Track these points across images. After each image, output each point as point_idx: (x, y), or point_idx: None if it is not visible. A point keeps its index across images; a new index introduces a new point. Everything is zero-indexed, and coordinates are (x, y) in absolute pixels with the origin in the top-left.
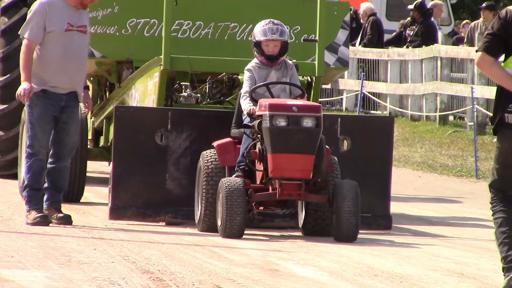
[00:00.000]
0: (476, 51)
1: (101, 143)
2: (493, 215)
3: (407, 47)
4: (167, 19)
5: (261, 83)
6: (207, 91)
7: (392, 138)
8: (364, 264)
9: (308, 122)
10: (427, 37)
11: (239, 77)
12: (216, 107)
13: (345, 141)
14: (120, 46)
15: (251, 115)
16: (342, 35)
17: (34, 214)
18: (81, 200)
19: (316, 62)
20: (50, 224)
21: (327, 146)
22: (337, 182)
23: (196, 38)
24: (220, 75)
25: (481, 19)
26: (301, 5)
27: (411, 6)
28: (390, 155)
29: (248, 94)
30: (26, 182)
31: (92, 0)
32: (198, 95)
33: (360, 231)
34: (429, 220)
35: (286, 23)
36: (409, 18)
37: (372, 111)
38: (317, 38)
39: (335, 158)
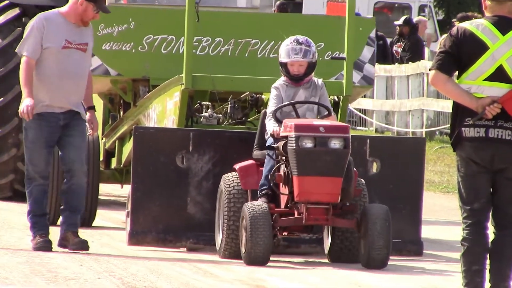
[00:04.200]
0: (430, 69)
1: (113, 164)
2: (462, 236)
3: (399, 62)
4: (188, 36)
5: (286, 103)
6: (228, 111)
7: (423, 160)
8: (351, 280)
9: (335, 143)
10: (415, 51)
11: (263, 96)
12: (238, 127)
13: (374, 163)
14: (136, 64)
15: (275, 136)
16: (367, 52)
17: (37, 239)
18: (94, 224)
19: (344, 81)
20: (63, 249)
21: (354, 169)
22: (366, 206)
23: (216, 55)
24: (243, 95)
25: None
26: (325, 21)
27: (398, 22)
28: (422, 178)
29: (272, 114)
30: (28, 208)
31: (93, 17)
32: (220, 115)
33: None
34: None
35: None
36: (396, 36)
37: (358, 127)
38: (345, 55)
39: (363, 180)
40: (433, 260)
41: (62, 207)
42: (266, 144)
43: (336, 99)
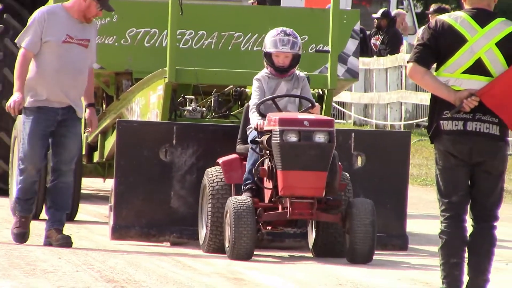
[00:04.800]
0: (408, 61)
1: (96, 158)
2: (440, 229)
3: (377, 55)
4: (172, 29)
5: (269, 97)
6: (212, 104)
7: (408, 154)
8: (331, 273)
9: (320, 137)
10: (394, 44)
11: (247, 90)
12: (222, 121)
13: (359, 157)
14: (119, 57)
15: (258, 130)
16: (351, 45)
17: (15, 219)
18: (75, 219)
19: (328, 74)
20: (52, 245)
21: (339, 163)
22: (350, 201)
23: (199, 48)
24: (227, 88)
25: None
26: (309, 14)
27: (376, 15)
28: (407, 172)
29: (256, 107)
30: (15, 196)
31: (96, 14)
32: (203, 108)
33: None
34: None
35: None
36: (374, 29)
37: (337, 121)
38: (329, 48)
39: (347, 174)
40: (418, 254)
41: (48, 204)
42: (249, 138)
43: (321, 92)
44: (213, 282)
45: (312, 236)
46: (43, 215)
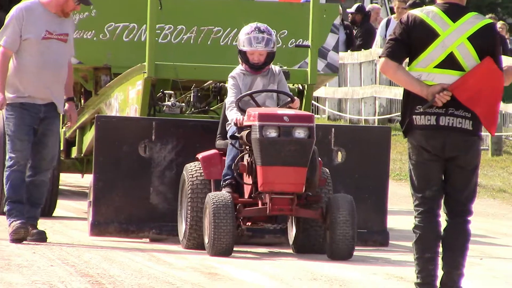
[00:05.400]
0: (380, 56)
1: (74, 154)
2: (413, 224)
3: (351, 50)
4: (151, 24)
5: (247, 92)
6: (191, 99)
7: (389, 149)
8: (305, 268)
9: (300, 133)
10: (368, 39)
11: (226, 85)
12: (201, 116)
13: (339, 153)
14: (98, 52)
15: (238, 125)
16: (331, 39)
17: (14, 224)
18: (53, 214)
19: (308, 69)
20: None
21: (319, 158)
22: (330, 197)
23: (178, 43)
24: (206, 83)
25: None
26: (289, 8)
27: (351, 10)
28: (387, 168)
29: (234, 104)
30: (6, 195)
31: (74, 8)
32: (183, 104)
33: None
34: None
35: (272, 27)
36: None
37: None
38: (309, 43)
39: (327, 170)
40: (399, 250)
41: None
42: (228, 134)
43: (301, 87)
44: (187, 276)
45: (292, 232)
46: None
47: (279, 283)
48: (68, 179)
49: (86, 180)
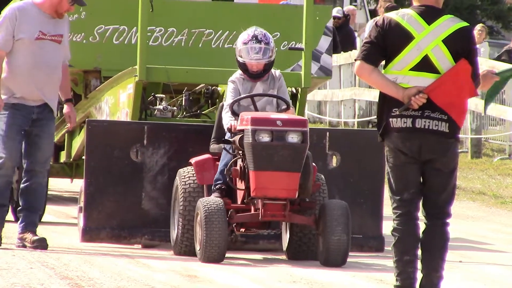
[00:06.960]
0: (355, 59)
1: (62, 158)
2: (392, 227)
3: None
4: (142, 27)
5: (244, 95)
6: (183, 103)
7: (384, 153)
8: (285, 271)
9: (293, 137)
10: (347, 42)
11: (218, 88)
12: (193, 120)
13: (334, 157)
14: (88, 55)
15: (231, 130)
16: (324, 42)
17: None
18: (42, 220)
19: (302, 72)
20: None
21: (313, 163)
22: (324, 202)
23: (169, 45)
24: (198, 87)
25: None
26: (281, 11)
27: (335, 13)
28: (383, 172)
29: (229, 107)
30: None
31: (68, 9)
32: (174, 108)
33: (350, 254)
34: None
35: (264, 29)
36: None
37: None
38: (302, 46)
39: (322, 175)
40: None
41: (21, 206)
42: (223, 138)
43: (294, 91)
44: (167, 278)
45: (286, 238)
46: (9, 216)
47: (259, 286)
48: (57, 184)
49: (75, 185)
